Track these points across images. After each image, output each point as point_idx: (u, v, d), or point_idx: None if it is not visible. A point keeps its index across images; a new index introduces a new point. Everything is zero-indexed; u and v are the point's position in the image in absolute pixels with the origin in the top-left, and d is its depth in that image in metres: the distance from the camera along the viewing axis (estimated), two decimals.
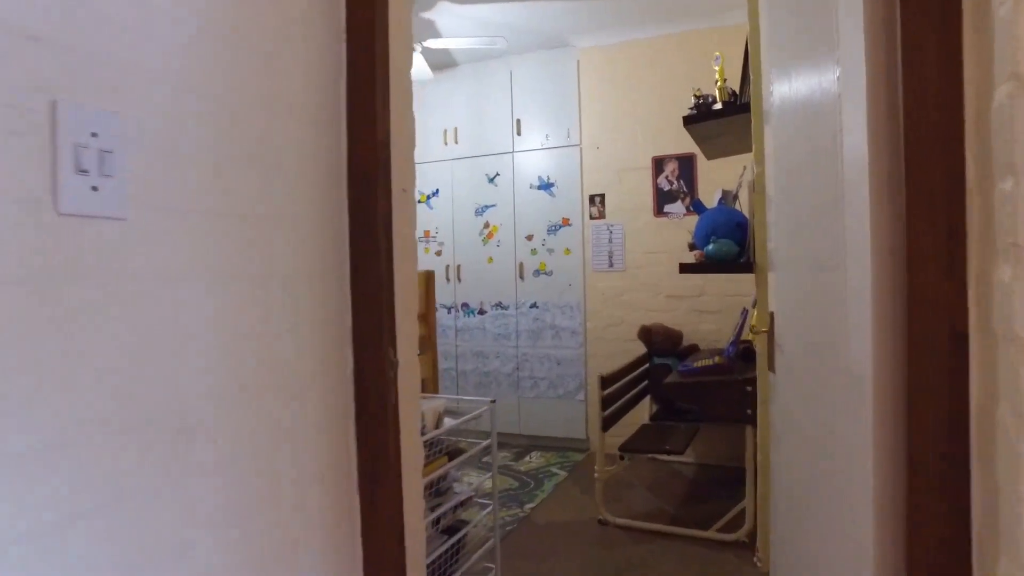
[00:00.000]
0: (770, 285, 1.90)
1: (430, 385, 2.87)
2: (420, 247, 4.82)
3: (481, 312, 4.78)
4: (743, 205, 2.86)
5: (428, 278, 2.85)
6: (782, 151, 1.56)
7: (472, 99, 4.78)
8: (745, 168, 2.93)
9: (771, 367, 1.81)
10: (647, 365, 3.95)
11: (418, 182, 5.25)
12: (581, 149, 4.45)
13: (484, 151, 4.75)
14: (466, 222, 4.82)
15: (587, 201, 4.44)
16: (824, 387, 1.18)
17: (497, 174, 4.71)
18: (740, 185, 2.79)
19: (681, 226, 4.12)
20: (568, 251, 4.49)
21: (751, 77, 2.43)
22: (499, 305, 4.72)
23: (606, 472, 3.16)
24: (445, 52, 4.61)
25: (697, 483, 3.83)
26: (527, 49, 4.57)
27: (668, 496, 3.60)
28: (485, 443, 2.25)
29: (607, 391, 3.11)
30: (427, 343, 2.85)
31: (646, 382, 3.88)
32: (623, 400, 3.42)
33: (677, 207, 4.14)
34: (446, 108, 4.87)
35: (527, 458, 4.37)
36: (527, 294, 4.62)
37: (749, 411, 2.75)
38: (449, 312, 4.89)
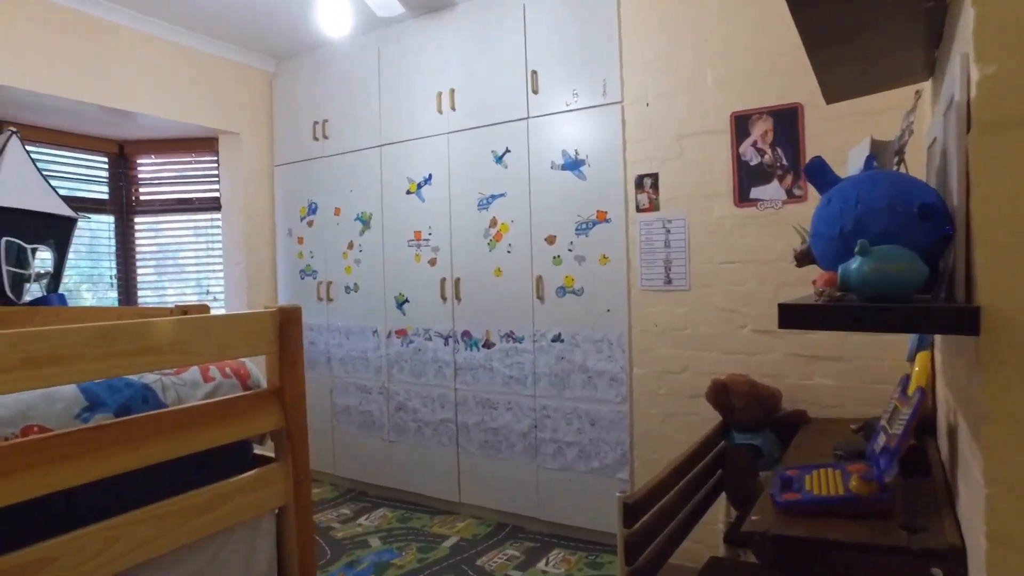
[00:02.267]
0: None
1: (296, 525, 1.53)
2: (410, 253, 3.55)
3: (487, 345, 3.43)
4: (906, 167, 1.37)
5: (287, 320, 1.51)
6: None
7: (473, 49, 3.43)
8: (919, 94, 1.43)
9: None
10: (721, 443, 2.47)
11: (406, 164, 3.64)
12: (623, 108, 3.01)
13: (489, 119, 3.39)
14: (467, 219, 3.48)
15: (632, 185, 3.00)
16: None
17: (507, 150, 3.34)
18: (909, 130, 1.31)
19: (778, 219, 2.61)
20: (605, 259, 3.06)
21: None
22: (511, 336, 3.35)
23: None
24: None
25: None
26: None
27: None
28: None
29: (635, 527, 1.68)
30: (286, 440, 1.52)
31: (719, 472, 2.41)
32: (677, 521, 1.98)
33: (773, 190, 2.63)
34: (439, 64, 3.54)
35: (543, 562, 2.97)
36: (548, 321, 3.23)
37: None
38: (446, 343, 3.56)
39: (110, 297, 4.18)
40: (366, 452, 3.92)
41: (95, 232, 4.14)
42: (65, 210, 2.92)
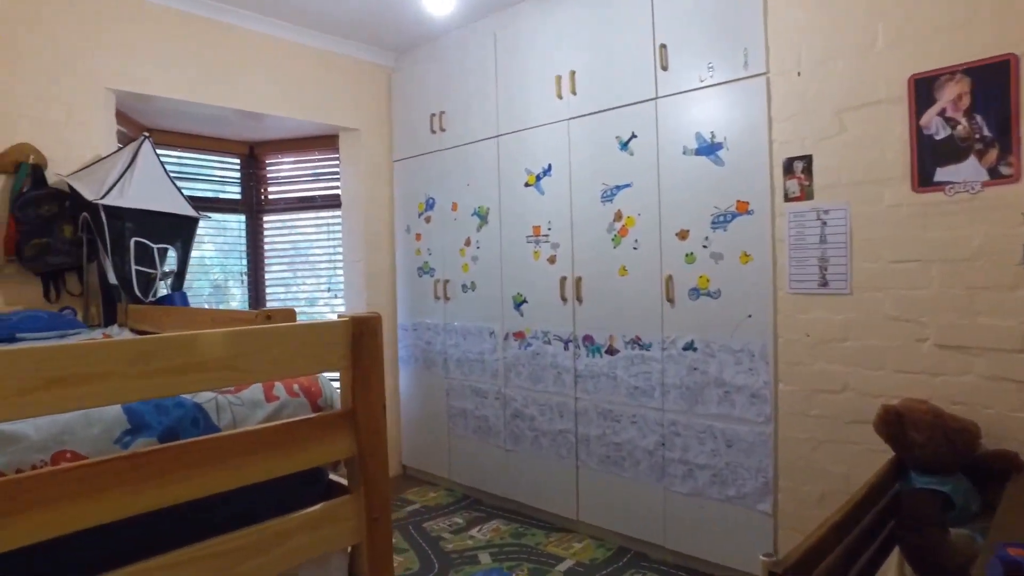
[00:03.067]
0: None
1: (370, 570, 1.33)
2: (528, 250, 3.33)
3: (611, 351, 3.11)
4: None
5: (362, 331, 1.31)
6: None
7: (594, 26, 3.11)
8: None
9: None
10: (896, 486, 2.00)
11: (524, 155, 3.27)
12: (768, 80, 2.57)
13: (613, 102, 3.06)
14: (589, 212, 3.18)
15: (780, 170, 2.55)
16: None
17: (633, 135, 3.00)
18: None
19: (975, 206, 2.07)
20: (747, 257, 2.64)
21: None
22: (636, 342, 3.01)
23: None
24: None
25: None
26: None
27: None
28: None
29: None
30: (359, 470, 1.32)
31: (892, 524, 1.94)
32: None
33: (968, 170, 2.10)
34: (558, 46, 3.26)
35: None
36: (679, 327, 2.86)
37: None
38: (566, 347, 3.29)
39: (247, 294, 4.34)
40: (481, 459, 3.74)
41: (233, 231, 4.30)
42: (189, 210, 2.98)
